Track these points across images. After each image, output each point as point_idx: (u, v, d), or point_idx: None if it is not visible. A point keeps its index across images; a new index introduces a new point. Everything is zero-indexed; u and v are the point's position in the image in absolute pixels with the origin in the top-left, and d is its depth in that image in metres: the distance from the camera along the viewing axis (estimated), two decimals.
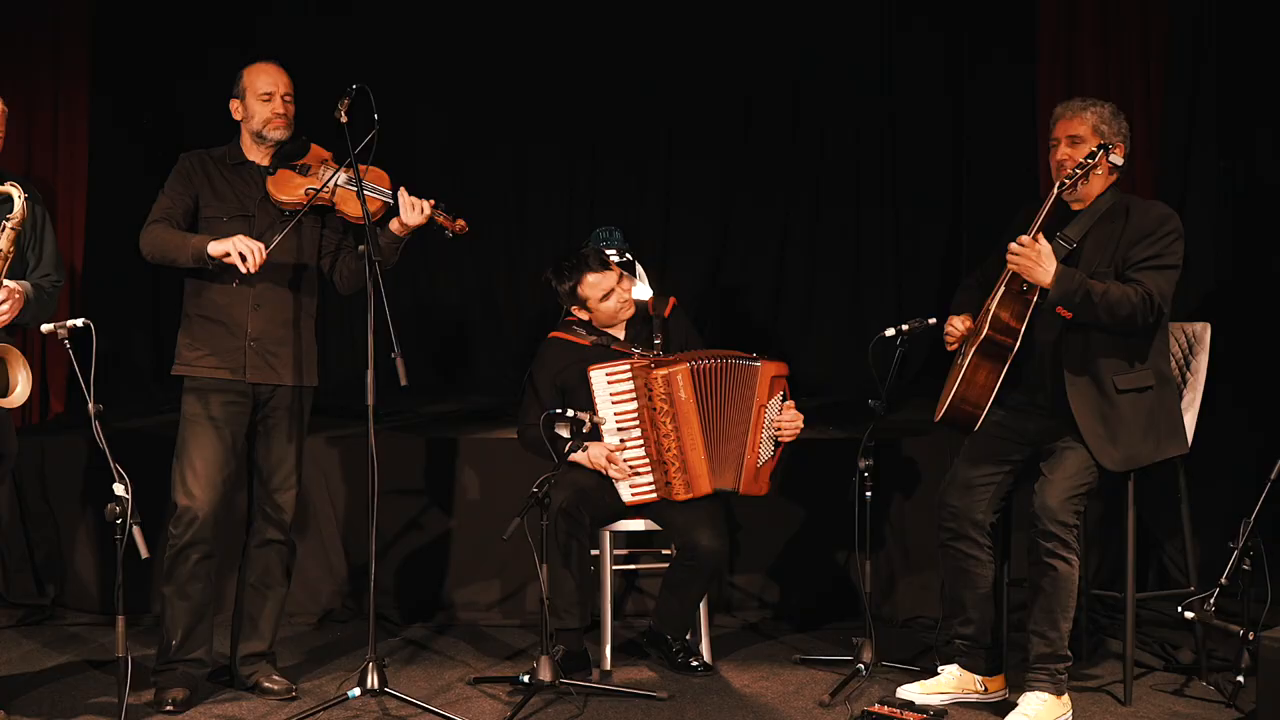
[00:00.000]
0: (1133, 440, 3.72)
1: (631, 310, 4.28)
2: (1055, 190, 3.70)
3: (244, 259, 3.66)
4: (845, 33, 6.39)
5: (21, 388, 3.54)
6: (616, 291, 4.23)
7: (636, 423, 4.12)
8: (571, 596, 4.07)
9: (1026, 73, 5.54)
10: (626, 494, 4.13)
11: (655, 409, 4.08)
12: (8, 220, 3.52)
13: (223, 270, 3.76)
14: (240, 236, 3.72)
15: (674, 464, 4.09)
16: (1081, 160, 3.67)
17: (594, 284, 4.22)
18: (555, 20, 6.41)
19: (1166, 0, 5.33)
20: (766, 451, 4.18)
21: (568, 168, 6.46)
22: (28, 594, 4.84)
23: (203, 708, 3.84)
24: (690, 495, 4.09)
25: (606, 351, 4.23)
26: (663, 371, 4.08)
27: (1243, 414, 5.05)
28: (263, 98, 3.89)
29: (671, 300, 4.38)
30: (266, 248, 3.72)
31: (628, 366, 4.13)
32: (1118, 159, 3.72)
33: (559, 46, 6.41)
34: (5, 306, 3.53)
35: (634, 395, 4.11)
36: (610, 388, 4.13)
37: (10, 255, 3.54)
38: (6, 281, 3.54)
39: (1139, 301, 3.62)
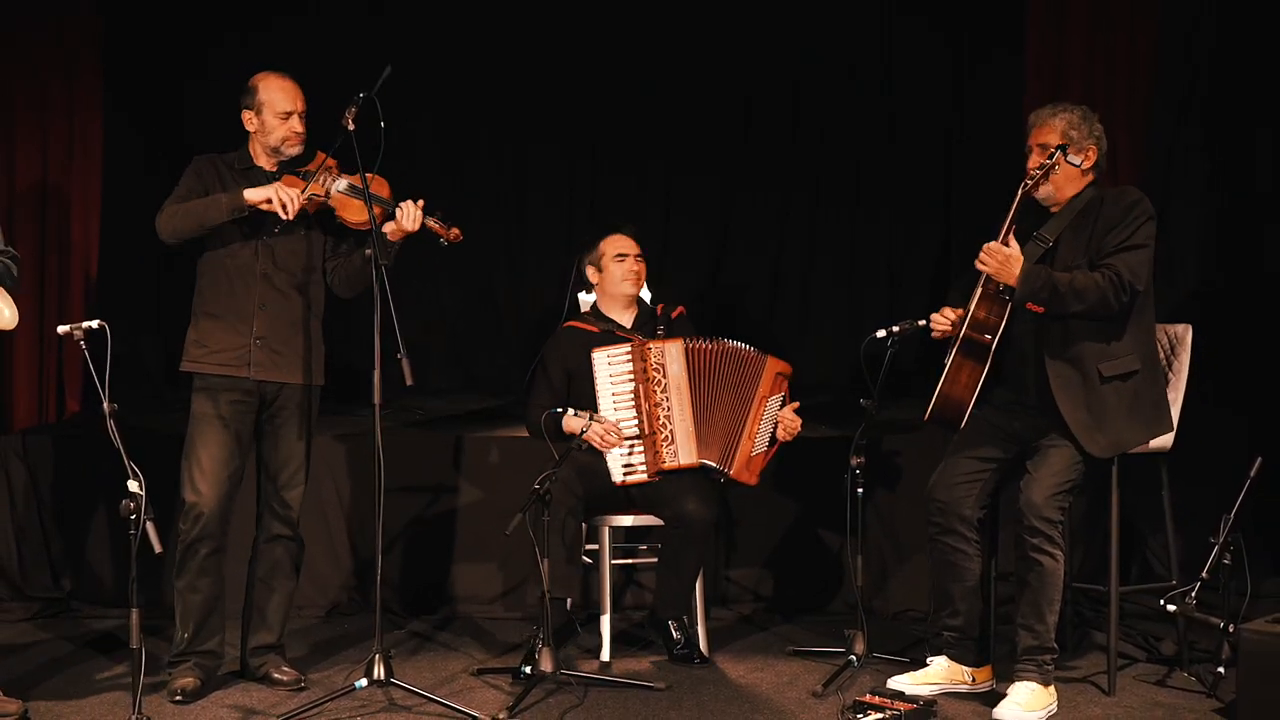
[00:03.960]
0: (1118, 426, 3.78)
1: (636, 290, 4.42)
2: (1019, 193, 3.78)
3: (284, 206, 3.77)
4: (845, 33, 6.38)
5: (10, 313, 3.59)
6: (630, 260, 4.38)
7: (631, 402, 4.22)
8: (564, 569, 4.12)
9: (1020, 79, 5.58)
10: (618, 474, 4.21)
11: (649, 379, 4.20)
12: None
13: (258, 223, 3.86)
14: (279, 184, 3.82)
15: (662, 432, 4.19)
16: (1041, 162, 3.76)
17: (615, 242, 4.41)
18: (555, 21, 6.41)
19: (1156, 5, 5.38)
20: (763, 443, 4.26)
21: (568, 169, 6.46)
22: (44, 588, 4.92)
23: (214, 697, 3.90)
24: (677, 463, 4.18)
25: (612, 336, 4.35)
26: (658, 344, 4.25)
27: (1225, 412, 5.10)
28: (281, 116, 3.94)
29: (680, 308, 4.50)
30: (301, 195, 3.82)
31: (628, 347, 4.26)
32: (1076, 159, 3.78)
33: (559, 48, 6.42)
34: None
35: (631, 375, 4.23)
36: (610, 369, 4.25)
37: None
38: None
39: (1107, 284, 3.69)
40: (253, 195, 3.82)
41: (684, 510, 4.13)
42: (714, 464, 4.22)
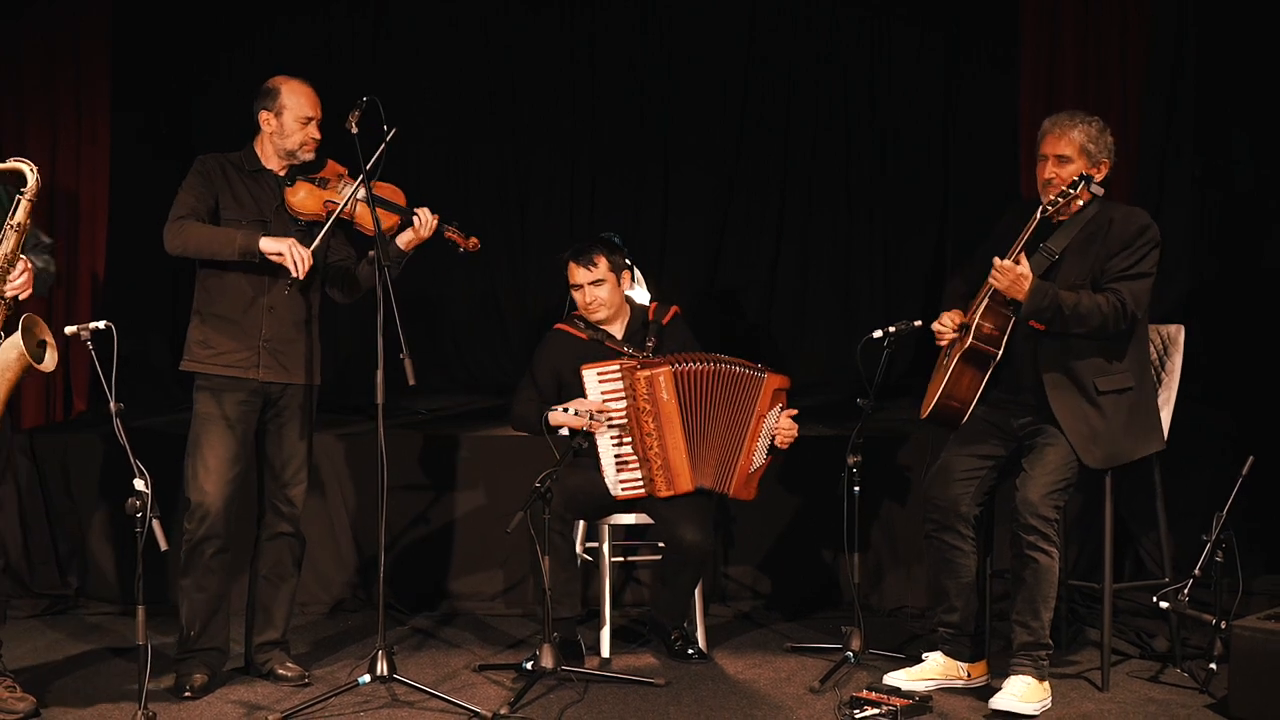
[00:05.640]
0: (1114, 439, 3.82)
1: (599, 317, 4.35)
2: (1038, 214, 3.79)
3: (295, 265, 3.78)
4: (840, 37, 6.45)
5: (50, 354, 3.61)
6: (583, 291, 4.32)
7: (625, 422, 4.20)
8: (566, 588, 4.19)
9: (1013, 83, 5.61)
10: (616, 489, 4.21)
11: (639, 409, 4.17)
12: (23, 193, 3.58)
13: (263, 269, 3.88)
14: (293, 240, 3.82)
15: (656, 461, 4.18)
16: (1064, 189, 3.73)
17: (570, 273, 4.35)
18: (555, 25, 6.50)
19: (1147, 13, 5.42)
20: (760, 458, 4.25)
21: (568, 173, 6.52)
22: (51, 585, 4.95)
23: (220, 693, 3.94)
24: (671, 492, 4.18)
25: (601, 348, 4.32)
26: (645, 373, 4.18)
27: (1216, 411, 5.13)
28: (302, 121, 3.96)
29: (674, 309, 4.45)
30: (311, 254, 3.83)
31: (618, 366, 4.22)
32: (1099, 190, 3.77)
33: (559, 51, 6.49)
34: (24, 279, 3.60)
35: (623, 393, 4.20)
36: (601, 386, 4.21)
37: (26, 228, 3.60)
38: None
39: (1110, 310, 3.73)
40: (268, 246, 3.82)
41: (681, 538, 4.14)
42: (710, 488, 4.23)
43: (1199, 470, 4.77)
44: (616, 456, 4.21)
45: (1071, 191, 3.72)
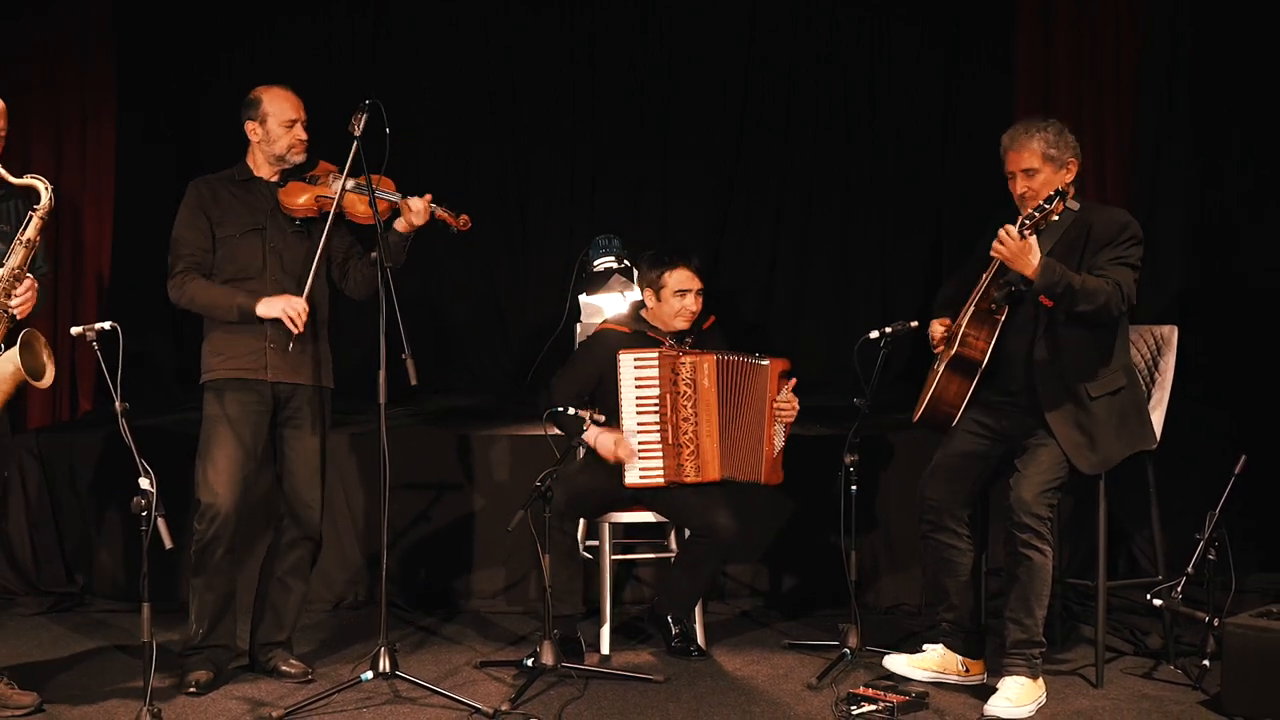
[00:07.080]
0: (1108, 443, 3.85)
1: (686, 324, 4.37)
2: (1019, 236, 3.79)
3: (293, 322, 3.84)
4: (839, 39, 6.47)
5: (49, 371, 3.66)
6: (689, 297, 4.33)
7: (655, 408, 4.25)
8: (568, 586, 4.24)
9: (1012, 83, 5.65)
10: (634, 476, 4.25)
11: (679, 392, 4.24)
12: (35, 210, 3.63)
13: (264, 281, 3.96)
14: (286, 298, 3.88)
15: (688, 447, 4.24)
16: (1040, 204, 3.68)
17: (679, 277, 4.34)
18: (555, 29, 6.52)
19: (1140, 16, 5.44)
20: (780, 441, 4.33)
21: (568, 173, 6.55)
22: (58, 582, 4.99)
23: (224, 690, 3.97)
24: (698, 479, 4.24)
25: (643, 338, 4.38)
26: (691, 358, 4.26)
27: (1209, 411, 5.16)
28: (286, 124, 4.01)
29: (712, 318, 4.52)
30: (305, 298, 3.88)
31: (656, 355, 4.29)
32: (1073, 203, 3.80)
33: (558, 52, 6.52)
34: (29, 296, 3.65)
35: (657, 382, 4.26)
36: (636, 372, 4.26)
37: (36, 244, 3.64)
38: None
39: (1112, 290, 3.74)
40: (264, 311, 3.88)
41: (716, 523, 4.19)
42: (745, 480, 4.30)
43: (1198, 470, 4.80)
44: (640, 444, 4.26)
45: (1047, 206, 3.68)
